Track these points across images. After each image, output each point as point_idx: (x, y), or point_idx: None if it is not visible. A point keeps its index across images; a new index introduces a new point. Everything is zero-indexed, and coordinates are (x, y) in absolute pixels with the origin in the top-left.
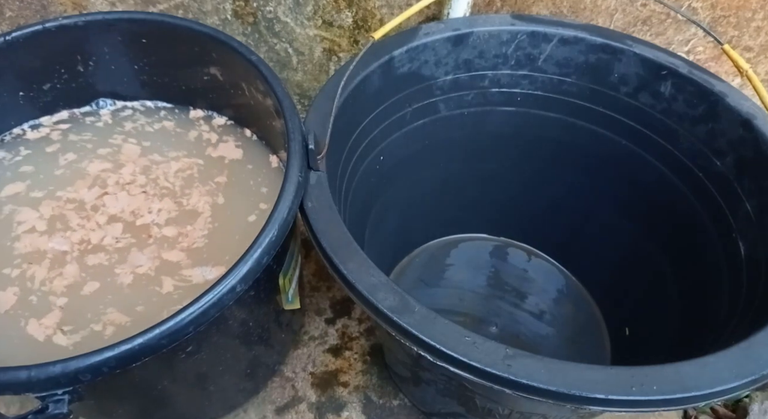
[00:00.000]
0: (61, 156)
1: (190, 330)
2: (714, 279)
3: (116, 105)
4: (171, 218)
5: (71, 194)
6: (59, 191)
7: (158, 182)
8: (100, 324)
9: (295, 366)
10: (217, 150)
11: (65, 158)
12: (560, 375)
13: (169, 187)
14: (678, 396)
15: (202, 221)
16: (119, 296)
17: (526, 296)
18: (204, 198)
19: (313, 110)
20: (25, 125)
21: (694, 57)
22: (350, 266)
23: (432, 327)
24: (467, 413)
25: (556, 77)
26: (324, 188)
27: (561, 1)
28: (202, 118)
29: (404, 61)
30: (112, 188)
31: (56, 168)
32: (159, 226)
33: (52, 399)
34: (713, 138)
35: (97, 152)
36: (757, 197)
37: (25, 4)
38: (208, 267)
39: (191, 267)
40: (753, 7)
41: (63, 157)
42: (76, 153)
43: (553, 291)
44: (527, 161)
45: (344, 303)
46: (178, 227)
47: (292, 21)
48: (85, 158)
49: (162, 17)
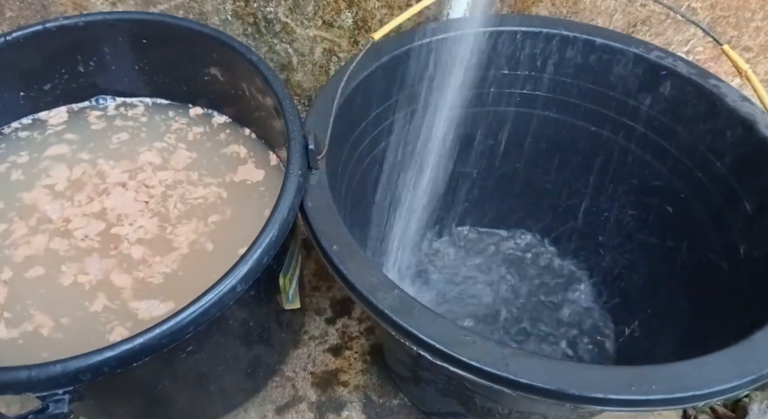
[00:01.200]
0: (115, 135)
1: (190, 330)
2: (714, 279)
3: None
4: (145, 239)
5: (107, 168)
6: (101, 160)
7: (166, 199)
8: (31, 323)
9: (296, 366)
10: (237, 174)
11: (118, 137)
12: (560, 374)
13: (165, 209)
14: (677, 396)
15: (173, 258)
16: (52, 294)
17: (535, 290)
18: (191, 236)
19: (313, 110)
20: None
21: (693, 57)
22: (350, 266)
23: (432, 327)
24: (467, 412)
25: (556, 77)
26: (324, 188)
27: (561, 1)
28: (229, 132)
29: (404, 61)
30: (132, 183)
31: (110, 144)
32: (129, 242)
33: (53, 399)
34: (713, 138)
35: (153, 145)
36: (756, 197)
37: (26, 5)
38: (156, 302)
39: (133, 297)
40: (752, 8)
41: (117, 136)
42: (132, 136)
43: (557, 284)
44: (527, 161)
45: (344, 303)
46: (146, 252)
47: (293, 21)
48: (139, 145)
49: (162, 17)
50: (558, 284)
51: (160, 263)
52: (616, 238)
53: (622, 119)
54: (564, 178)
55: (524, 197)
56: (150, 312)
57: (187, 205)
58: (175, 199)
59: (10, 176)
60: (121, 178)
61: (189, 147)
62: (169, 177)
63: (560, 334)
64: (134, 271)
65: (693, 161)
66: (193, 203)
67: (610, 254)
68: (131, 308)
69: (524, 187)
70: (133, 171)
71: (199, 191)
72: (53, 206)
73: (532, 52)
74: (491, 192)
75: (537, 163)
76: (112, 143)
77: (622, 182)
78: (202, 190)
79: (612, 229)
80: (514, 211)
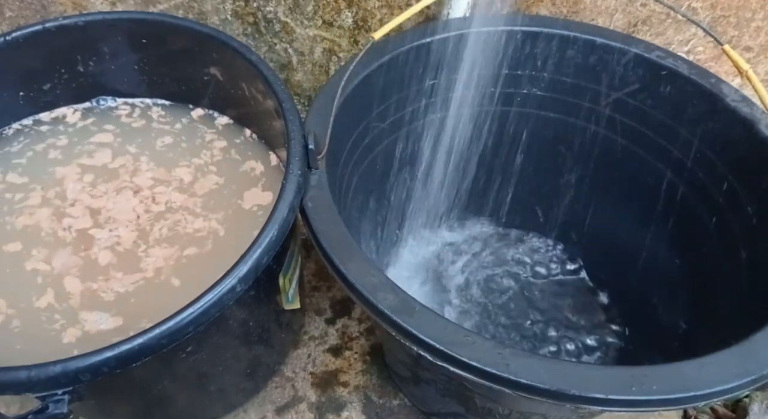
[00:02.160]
0: (160, 138)
1: (190, 330)
2: (715, 279)
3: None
4: (115, 251)
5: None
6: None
7: (158, 219)
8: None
9: (295, 366)
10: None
11: (163, 140)
12: (560, 374)
13: (149, 228)
14: (678, 396)
15: (133, 280)
16: (14, 276)
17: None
18: (162, 262)
19: (313, 110)
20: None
21: (694, 57)
22: (350, 266)
23: (432, 327)
24: (467, 413)
25: (556, 77)
26: (324, 188)
27: (561, 1)
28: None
29: (404, 61)
30: (146, 192)
31: (156, 145)
32: (99, 248)
33: (52, 399)
34: (713, 138)
35: (192, 160)
36: (757, 197)
37: (25, 4)
38: (106, 314)
39: (81, 306)
40: (753, 7)
41: (161, 139)
42: (174, 143)
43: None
44: (527, 161)
45: (344, 303)
46: (112, 263)
47: (292, 21)
48: (181, 156)
49: (162, 17)
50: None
51: (119, 280)
52: (612, 235)
53: (622, 119)
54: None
55: (524, 198)
56: (98, 325)
57: (173, 232)
58: (166, 223)
59: (48, 155)
60: (145, 182)
61: (219, 171)
62: (179, 200)
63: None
64: (90, 280)
65: (693, 161)
66: (180, 231)
67: (610, 250)
68: (80, 317)
69: (522, 189)
70: (160, 181)
71: (197, 223)
72: (75, 186)
73: (532, 52)
74: (491, 190)
75: (540, 160)
76: (157, 145)
77: (621, 181)
78: (200, 222)
79: (609, 225)
80: (512, 213)
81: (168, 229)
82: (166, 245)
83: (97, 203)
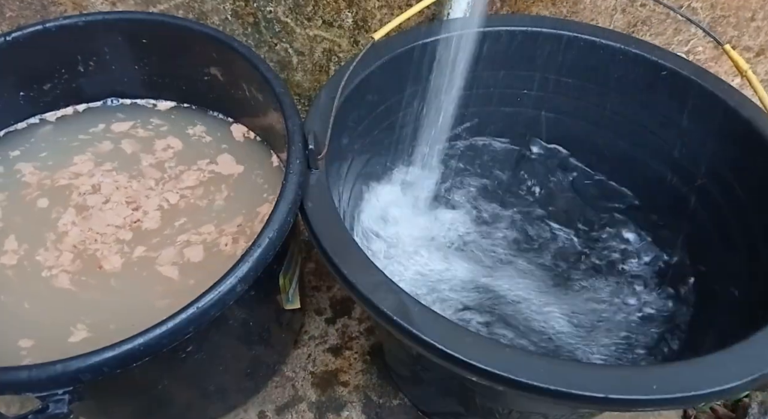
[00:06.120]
0: (159, 140)
1: (190, 330)
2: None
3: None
4: (74, 256)
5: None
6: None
7: (144, 244)
8: None
9: (295, 366)
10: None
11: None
12: (560, 374)
13: (130, 241)
14: (678, 396)
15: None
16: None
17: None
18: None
19: (313, 110)
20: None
21: (693, 57)
22: (350, 266)
23: (432, 327)
24: (467, 412)
25: (556, 77)
26: (324, 188)
27: (561, 1)
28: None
29: (404, 61)
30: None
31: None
32: (59, 252)
33: (53, 399)
34: (713, 139)
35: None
36: (757, 197)
37: (25, 4)
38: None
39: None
40: (753, 8)
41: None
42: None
43: None
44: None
45: (344, 303)
46: (69, 266)
47: (292, 21)
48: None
49: (162, 17)
50: None
51: (88, 285)
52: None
53: (622, 119)
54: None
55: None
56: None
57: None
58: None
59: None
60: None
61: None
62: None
63: None
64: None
65: (693, 161)
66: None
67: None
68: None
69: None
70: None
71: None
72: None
73: (531, 53)
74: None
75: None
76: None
77: (620, 181)
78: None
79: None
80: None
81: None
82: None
83: (88, 205)
